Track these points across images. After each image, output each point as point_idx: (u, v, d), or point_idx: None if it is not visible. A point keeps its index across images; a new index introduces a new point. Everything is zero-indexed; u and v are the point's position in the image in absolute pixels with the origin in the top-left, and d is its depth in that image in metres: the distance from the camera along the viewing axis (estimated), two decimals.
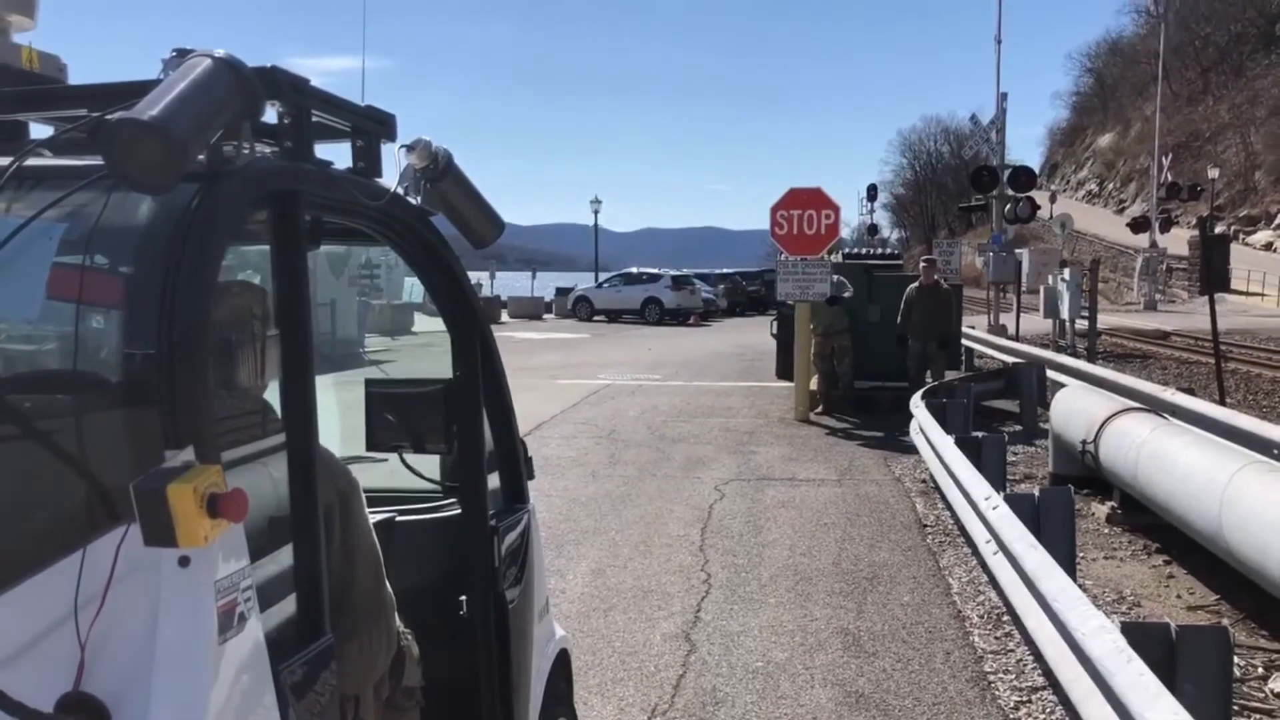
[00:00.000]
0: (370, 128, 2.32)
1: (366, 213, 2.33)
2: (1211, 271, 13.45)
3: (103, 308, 1.76)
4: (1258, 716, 4.82)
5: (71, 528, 1.63)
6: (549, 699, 3.18)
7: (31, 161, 1.80)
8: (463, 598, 2.77)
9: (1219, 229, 49.05)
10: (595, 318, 38.10)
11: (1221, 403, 11.29)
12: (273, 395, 2.11)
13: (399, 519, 2.85)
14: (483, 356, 2.78)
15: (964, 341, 17.12)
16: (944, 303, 14.00)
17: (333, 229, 2.60)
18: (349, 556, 2.24)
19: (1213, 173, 57.61)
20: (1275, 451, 6.85)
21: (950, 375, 14.04)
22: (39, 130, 2.21)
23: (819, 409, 13.93)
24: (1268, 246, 54.90)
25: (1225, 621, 5.91)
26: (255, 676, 1.73)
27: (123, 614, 1.60)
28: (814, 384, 14.33)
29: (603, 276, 42.72)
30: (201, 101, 1.69)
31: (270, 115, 2.04)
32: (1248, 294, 42.52)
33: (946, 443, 8.05)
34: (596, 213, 49.39)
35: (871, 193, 53.10)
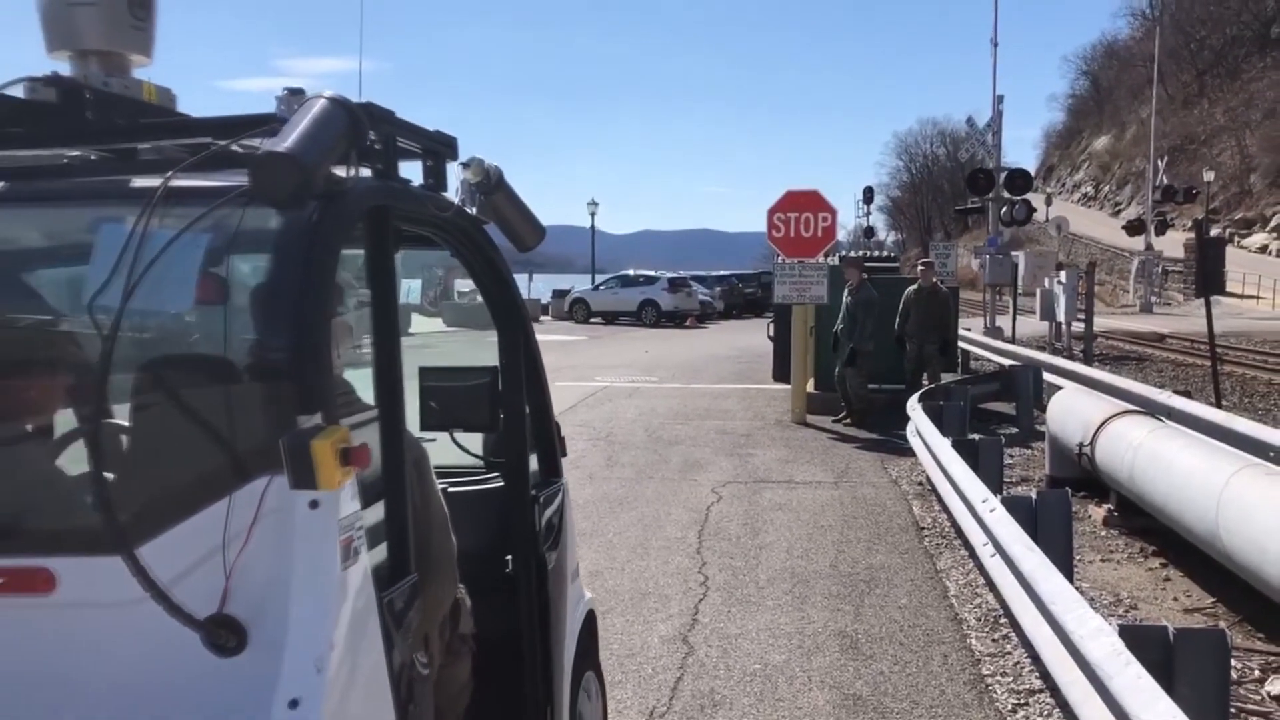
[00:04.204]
0: (439, 149, 2.68)
1: (436, 222, 2.70)
2: (1207, 274, 13.52)
3: (222, 306, 2.16)
4: (1255, 719, 4.83)
5: (221, 479, 2.02)
6: (579, 653, 3.55)
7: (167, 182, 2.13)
8: (508, 557, 3.15)
9: (1214, 232, 49.16)
10: (592, 320, 37.97)
11: (1218, 405, 11.30)
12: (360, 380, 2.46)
13: (450, 490, 3.16)
14: (525, 347, 3.13)
15: (960, 344, 17.12)
16: (943, 305, 14.00)
17: (406, 235, 2.90)
18: (425, 513, 2.59)
19: (1208, 175, 57.67)
20: (1272, 454, 6.86)
21: (947, 377, 14.05)
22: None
23: (842, 416, 13.57)
24: (1263, 249, 54.95)
25: (1222, 624, 5.92)
26: (366, 600, 2.11)
27: (260, 550, 1.97)
28: (809, 386, 14.30)
29: (600, 278, 42.61)
30: (325, 135, 2.06)
31: None
32: (1243, 296, 42.58)
33: (943, 445, 8.05)
34: (593, 215, 49.31)
35: (868, 195, 53.24)
